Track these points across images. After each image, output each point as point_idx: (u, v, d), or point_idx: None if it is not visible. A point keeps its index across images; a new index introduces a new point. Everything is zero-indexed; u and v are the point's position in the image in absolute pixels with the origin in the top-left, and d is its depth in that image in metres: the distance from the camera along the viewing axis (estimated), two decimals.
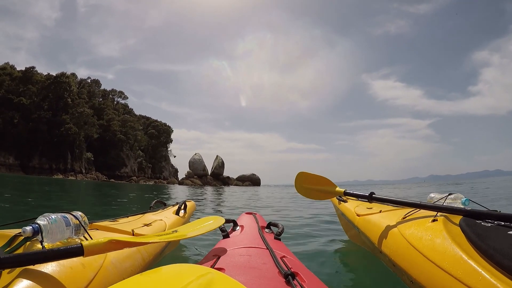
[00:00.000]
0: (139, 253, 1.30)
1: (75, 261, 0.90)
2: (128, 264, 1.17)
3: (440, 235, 1.13)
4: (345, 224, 2.48)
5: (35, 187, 13.33)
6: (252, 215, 1.83)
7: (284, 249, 1.24)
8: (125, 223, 1.64)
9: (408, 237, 1.26)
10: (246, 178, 49.76)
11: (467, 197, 1.43)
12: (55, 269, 0.83)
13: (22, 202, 6.41)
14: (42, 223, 0.88)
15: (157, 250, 1.56)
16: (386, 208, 1.78)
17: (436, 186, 20.54)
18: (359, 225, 1.87)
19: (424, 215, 1.39)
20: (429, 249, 1.11)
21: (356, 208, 2.08)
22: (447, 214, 1.28)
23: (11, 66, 52.97)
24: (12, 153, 45.62)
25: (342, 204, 2.36)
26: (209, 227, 1.32)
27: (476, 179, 49.34)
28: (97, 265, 0.98)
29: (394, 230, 1.41)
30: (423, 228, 1.25)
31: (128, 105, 69.79)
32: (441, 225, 1.19)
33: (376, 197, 1.55)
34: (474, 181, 32.83)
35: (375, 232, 1.58)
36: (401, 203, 1.46)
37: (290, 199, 9.67)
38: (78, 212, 1.05)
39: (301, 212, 5.57)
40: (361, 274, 2.01)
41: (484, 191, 11.72)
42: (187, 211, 2.46)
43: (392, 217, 1.55)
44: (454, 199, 1.46)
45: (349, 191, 1.69)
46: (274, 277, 0.81)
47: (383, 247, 1.44)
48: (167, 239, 1.12)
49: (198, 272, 0.59)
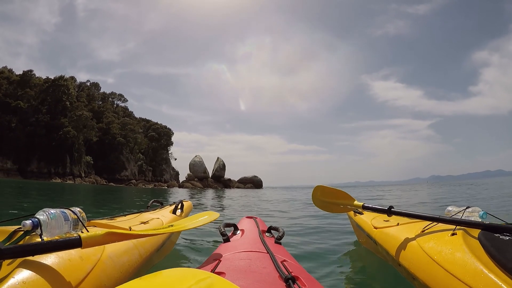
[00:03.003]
0: (136, 249, 1.33)
1: (73, 254, 0.92)
2: (125, 259, 1.20)
3: (460, 249, 1.15)
4: (361, 236, 2.47)
5: (22, 192, 12.57)
6: (253, 219, 1.81)
7: (285, 253, 1.23)
8: (123, 221, 1.66)
9: (428, 251, 1.28)
10: (247, 180, 49.14)
11: (484, 211, 1.44)
12: (54, 261, 0.86)
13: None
14: (42, 217, 0.91)
15: (154, 247, 1.56)
16: (403, 221, 1.78)
17: (439, 187, 20.19)
18: (377, 238, 1.87)
19: (442, 228, 1.40)
20: (450, 262, 1.12)
21: (373, 220, 2.08)
22: (466, 228, 1.30)
23: (9, 70, 52.57)
24: (10, 157, 45.09)
25: (358, 216, 2.37)
26: (204, 221, 1.36)
27: (478, 180, 49.28)
28: (95, 258, 1.00)
29: (413, 243, 1.42)
30: (443, 242, 1.27)
31: (128, 108, 69.65)
32: (461, 239, 1.22)
33: (395, 211, 1.55)
34: (475, 181, 32.65)
35: (394, 244, 1.58)
36: (420, 217, 1.46)
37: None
38: (76, 208, 1.08)
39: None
40: (370, 283, 1.99)
41: (484, 192, 11.75)
42: (184, 211, 2.46)
43: (411, 230, 1.56)
44: (471, 212, 1.46)
45: (367, 205, 1.69)
46: (274, 281, 0.81)
47: (402, 260, 1.45)
48: (164, 232, 1.16)
49: (198, 277, 0.59)
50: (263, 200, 12.12)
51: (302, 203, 9.13)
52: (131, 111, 69.68)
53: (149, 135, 64.89)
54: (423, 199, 10.72)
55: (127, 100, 69.68)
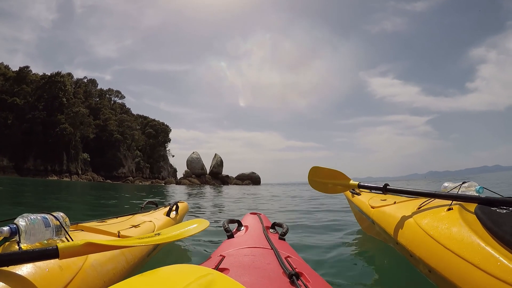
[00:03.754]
0: (123, 256, 1.26)
1: (52, 263, 0.87)
2: (110, 267, 1.13)
3: (457, 223, 1.14)
4: (359, 217, 2.47)
5: (17, 190, 12.38)
6: (257, 215, 1.80)
7: (289, 249, 1.23)
8: (113, 224, 1.60)
9: (425, 227, 1.27)
10: (245, 177, 49.07)
11: (480, 185, 1.42)
12: (30, 271, 0.81)
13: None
14: (21, 223, 0.87)
15: (143, 253, 1.49)
16: (400, 199, 1.77)
17: (437, 183, 20.23)
18: (374, 217, 1.86)
19: (439, 204, 1.39)
20: (446, 237, 1.12)
21: (370, 200, 2.08)
22: (462, 203, 1.29)
23: (6, 66, 52.06)
24: (6, 154, 44.79)
25: (356, 197, 2.37)
26: (193, 231, 1.28)
27: (475, 175, 49.74)
28: (76, 268, 0.94)
29: (410, 220, 1.41)
30: (439, 217, 1.26)
31: (125, 105, 69.22)
32: (457, 214, 1.21)
33: (391, 189, 1.54)
34: (473, 176, 32.84)
35: (391, 223, 1.57)
36: (416, 193, 1.46)
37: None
38: (59, 212, 1.03)
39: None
40: (373, 274, 1.94)
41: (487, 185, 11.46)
42: (179, 213, 2.39)
43: (407, 208, 1.55)
44: (468, 187, 1.45)
45: (363, 184, 1.69)
46: (278, 277, 0.81)
47: (399, 238, 1.44)
48: (148, 243, 1.05)
49: (199, 273, 0.59)
50: (262, 196, 11.97)
51: (302, 199, 9.09)
52: (128, 107, 69.34)
53: (147, 132, 64.63)
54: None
55: (125, 96, 69.27)
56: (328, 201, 7.09)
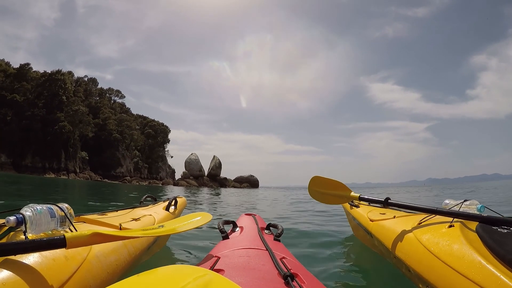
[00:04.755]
0: (125, 248, 1.29)
1: (58, 253, 0.88)
2: (113, 258, 1.15)
3: (458, 241, 1.13)
4: (357, 229, 2.45)
5: (14, 186, 12.29)
6: (252, 216, 1.80)
7: (284, 250, 1.23)
8: (114, 217, 1.62)
9: (425, 243, 1.26)
10: (244, 179, 48.95)
11: (482, 204, 1.43)
12: (37, 260, 0.82)
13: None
14: (27, 213, 0.88)
15: (144, 246, 1.52)
16: (400, 214, 1.76)
17: (440, 190, 20.12)
18: (373, 231, 1.85)
19: (440, 220, 1.39)
20: (447, 254, 1.11)
21: (369, 213, 2.07)
22: (463, 220, 1.29)
23: (6, 63, 52.02)
24: (4, 151, 44.61)
25: (354, 209, 2.36)
26: (196, 223, 1.31)
27: (474, 183, 49.77)
28: (81, 258, 0.96)
29: (410, 235, 1.40)
30: (440, 234, 1.25)
31: (125, 104, 69.11)
32: (458, 231, 1.20)
33: (392, 203, 1.53)
34: (476, 185, 32.77)
35: (390, 237, 1.56)
36: (417, 209, 1.45)
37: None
38: (64, 204, 1.04)
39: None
40: (367, 277, 1.97)
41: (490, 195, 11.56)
42: (178, 207, 2.42)
43: (407, 223, 1.54)
44: (469, 205, 1.46)
45: (364, 196, 1.67)
46: (273, 278, 0.81)
47: (398, 252, 1.43)
48: (153, 234, 1.09)
49: (196, 274, 0.59)
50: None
51: (301, 202, 9.09)
52: (128, 107, 69.26)
53: (146, 132, 64.50)
54: (427, 201, 10.61)
55: (125, 96, 69.22)
56: (325, 205, 7.03)
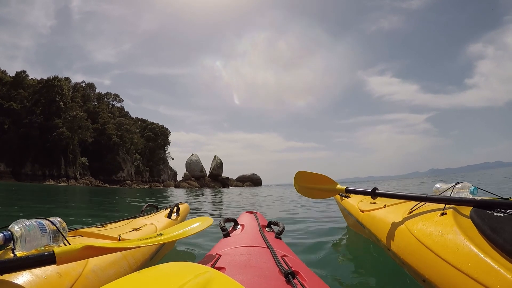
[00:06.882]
0: (125, 260, 1.22)
1: (50, 270, 0.82)
2: (112, 271, 1.09)
3: (451, 230, 1.06)
4: (350, 220, 2.37)
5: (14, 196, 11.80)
6: (253, 214, 1.79)
7: (285, 248, 1.22)
8: (113, 228, 1.57)
9: (417, 234, 1.19)
10: (246, 178, 48.53)
11: (475, 186, 1.35)
12: (27, 279, 0.76)
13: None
14: (15, 230, 0.84)
15: (146, 256, 1.46)
16: (390, 202, 1.71)
17: (440, 180, 19.67)
18: (364, 221, 1.80)
19: (431, 208, 1.31)
20: (440, 246, 1.03)
21: (359, 203, 2.02)
22: (456, 206, 1.21)
23: (2, 71, 51.63)
24: (3, 160, 44.38)
25: (345, 200, 2.31)
26: (196, 229, 1.27)
27: (477, 171, 49.64)
28: (75, 274, 0.90)
29: (401, 226, 1.34)
30: (432, 223, 1.18)
31: (124, 108, 68.75)
32: (451, 219, 1.12)
33: (379, 193, 1.48)
34: (472, 173, 32.76)
35: (381, 228, 1.51)
36: (406, 197, 1.37)
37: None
38: (56, 218, 0.99)
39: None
40: (367, 271, 1.91)
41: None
42: (180, 214, 2.37)
43: (398, 212, 1.49)
44: (461, 189, 1.38)
45: (350, 188, 1.64)
46: (274, 276, 0.81)
47: (391, 245, 1.38)
48: (151, 243, 1.03)
49: (197, 271, 0.59)
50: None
51: (301, 199, 8.85)
52: (127, 111, 68.95)
53: (146, 135, 64.19)
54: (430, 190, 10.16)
55: (123, 100, 68.88)
56: (323, 200, 6.84)
